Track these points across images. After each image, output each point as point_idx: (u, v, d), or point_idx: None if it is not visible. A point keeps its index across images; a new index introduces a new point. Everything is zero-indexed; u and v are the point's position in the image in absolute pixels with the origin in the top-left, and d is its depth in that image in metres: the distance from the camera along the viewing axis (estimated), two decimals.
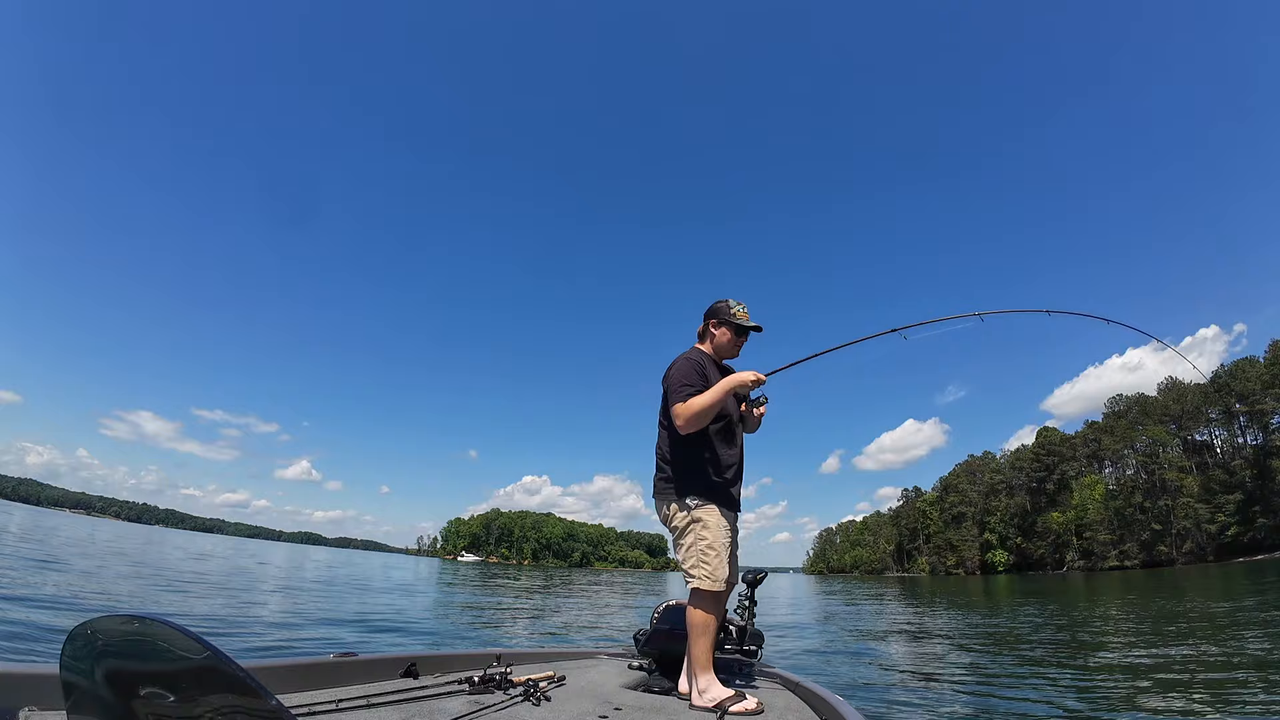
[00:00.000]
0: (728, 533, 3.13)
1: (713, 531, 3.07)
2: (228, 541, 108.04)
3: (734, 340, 3.43)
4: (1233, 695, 6.42)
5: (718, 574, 3.02)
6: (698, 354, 3.37)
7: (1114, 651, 10.03)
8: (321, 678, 2.56)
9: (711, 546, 3.05)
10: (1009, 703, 6.55)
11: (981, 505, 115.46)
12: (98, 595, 10.99)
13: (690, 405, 3.08)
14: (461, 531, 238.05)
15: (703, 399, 3.08)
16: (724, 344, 3.43)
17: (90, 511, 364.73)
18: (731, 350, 3.46)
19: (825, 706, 2.79)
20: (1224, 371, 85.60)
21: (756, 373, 3.21)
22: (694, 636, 2.97)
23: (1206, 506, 79.01)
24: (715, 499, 3.14)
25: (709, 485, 3.16)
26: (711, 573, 3.01)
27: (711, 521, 3.09)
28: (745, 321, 3.41)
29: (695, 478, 3.18)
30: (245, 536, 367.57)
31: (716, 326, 3.45)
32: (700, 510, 3.11)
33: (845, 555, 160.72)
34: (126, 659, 1.14)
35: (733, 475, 3.26)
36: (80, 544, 27.70)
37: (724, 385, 3.13)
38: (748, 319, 3.42)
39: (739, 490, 3.33)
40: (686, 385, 3.15)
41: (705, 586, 3.00)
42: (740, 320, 3.40)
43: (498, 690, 2.76)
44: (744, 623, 4.41)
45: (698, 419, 3.09)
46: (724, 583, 3.03)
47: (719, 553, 3.05)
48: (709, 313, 3.49)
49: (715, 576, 3.01)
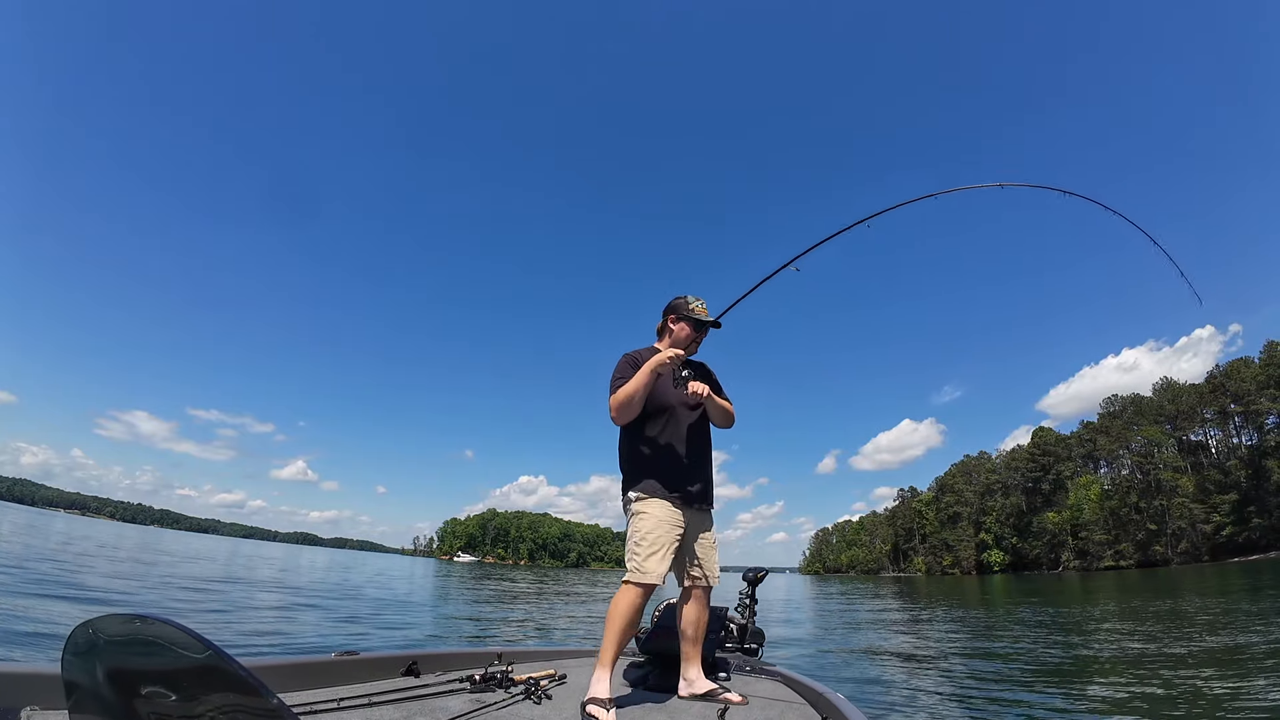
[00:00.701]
0: (673, 528, 3.00)
1: (647, 524, 2.96)
2: (223, 542, 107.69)
3: (691, 335, 3.31)
4: (1225, 694, 6.44)
5: (645, 566, 2.88)
6: (637, 352, 3.30)
7: (1107, 651, 10.05)
8: (322, 676, 2.55)
9: (644, 539, 2.93)
10: (1006, 702, 6.55)
11: (977, 505, 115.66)
12: (96, 593, 10.93)
13: (616, 395, 3.04)
14: (458, 532, 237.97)
15: (626, 387, 3.02)
16: (681, 339, 3.31)
17: (85, 512, 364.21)
18: (690, 347, 3.32)
19: (826, 704, 2.78)
20: (1219, 371, 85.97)
21: (674, 349, 3.13)
22: (606, 626, 2.84)
23: (1202, 507, 79.25)
24: (657, 492, 3.04)
25: (649, 478, 3.07)
26: (638, 565, 2.89)
27: (649, 514, 2.99)
28: (703, 317, 3.29)
29: (635, 471, 3.12)
30: (241, 537, 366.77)
31: (675, 322, 3.36)
32: (640, 504, 3.04)
33: (841, 555, 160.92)
34: (128, 658, 1.14)
35: (678, 467, 3.12)
36: (75, 543, 27.57)
37: (644, 369, 3.04)
38: (706, 314, 3.31)
39: (698, 483, 3.18)
40: (618, 379, 3.11)
41: (627, 577, 2.90)
42: (698, 315, 3.29)
43: (499, 688, 2.75)
44: (745, 620, 4.41)
45: (623, 408, 3.04)
46: (654, 576, 2.87)
47: (650, 545, 2.92)
48: (667, 309, 3.41)
49: (641, 568, 2.87)
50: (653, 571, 2.87)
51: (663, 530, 2.97)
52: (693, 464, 3.17)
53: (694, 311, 3.31)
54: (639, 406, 3.08)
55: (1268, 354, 78.45)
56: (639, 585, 2.87)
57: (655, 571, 2.88)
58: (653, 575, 2.87)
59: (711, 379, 3.44)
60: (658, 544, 2.93)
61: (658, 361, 3.03)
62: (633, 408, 3.06)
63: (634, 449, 3.17)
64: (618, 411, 3.06)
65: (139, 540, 49.18)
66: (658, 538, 2.94)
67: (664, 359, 3.03)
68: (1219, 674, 7.44)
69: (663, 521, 2.98)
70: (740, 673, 3.62)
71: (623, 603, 2.86)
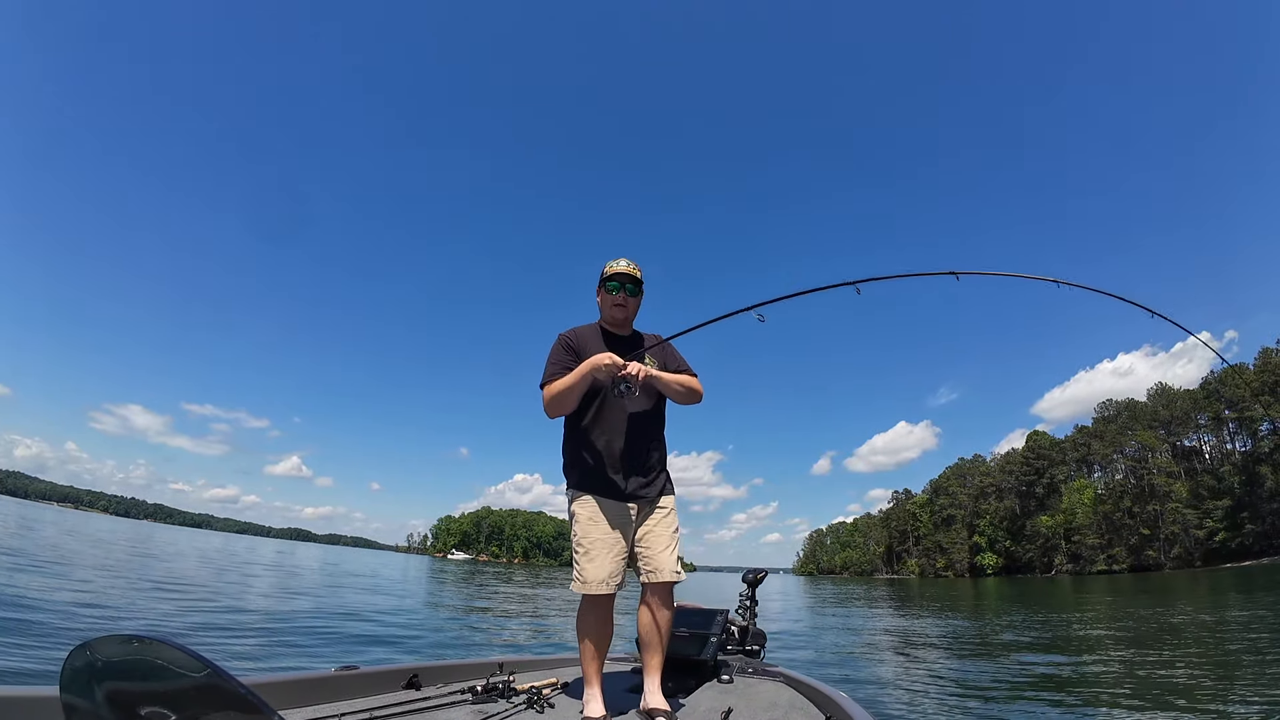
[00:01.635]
0: (611, 527, 2.71)
1: (582, 526, 2.72)
2: (216, 537, 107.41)
3: (606, 299, 2.95)
4: (1206, 696, 6.44)
5: (585, 573, 2.64)
6: (573, 331, 2.95)
7: (1099, 654, 10.05)
8: (323, 692, 2.52)
9: (580, 543, 2.70)
10: (1004, 701, 6.54)
11: (971, 508, 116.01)
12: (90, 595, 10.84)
13: (548, 390, 2.75)
14: (452, 529, 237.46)
15: (558, 383, 2.72)
16: (602, 308, 3.00)
17: (79, 505, 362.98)
18: (611, 312, 2.95)
19: (830, 704, 2.78)
20: (1213, 378, 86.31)
21: (611, 355, 2.67)
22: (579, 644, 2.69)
23: (1195, 512, 79.63)
24: (591, 488, 2.77)
25: (582, 474, 2.80)
26: (579, 573, 2.66)
27: (583, 514, 2.74)
28: (608, 271, 2.94)
29: (570, 467, 2.87)
30: (234, 532, 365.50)
31: (599, 293, 3.01)
32: (574, 503, 2.79)
33: (835, 557, 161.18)
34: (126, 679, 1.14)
35: (615, 458, 2.80)
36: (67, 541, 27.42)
37: (581, 368, 2.70)
38: (629, 269, 2.93)
39: (640, 473, 2.84)
40: (551, 364, 2.81)
41: (573, 588, 2.67)
42: (605, 273, 2.94)
43: (501, 699, 2.73)
44: (746, 622, 4.40)
45: (556, 403, 2.75)
46: (595, 584, 2.63)
47: (588, 550, 2.67)
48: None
49: (583, 577, 2.64)
50: (593, 579, 2.64)
51: (599, 531, 2.70)
52: (633, 452, 2.83)
53: (604, 273, 2.96)
54: (574, 404, 2.79)
55: (1262, 361, 78.78)
56: (588, 596, 2.67)
57: (595, 578, 2.64)
58: (594, 583, 2.63)
59: (667, 350, 3.05)
60: (594, 547, 2.68)
61: (593, 366, 2.66)
62: (566, 405, 2.78)
63: (567, 442, 2.90)
64: (549, 407, 2.78)
65: (130, 535, 48.91)
66: (594, 540, 2.69)
67: (599, 365, 2.64)
68: (1203, 677, 7.46)
69: (597, 521, 2.72)
70: (743, 674, 3.60)
71: (580, 618, 2.70)
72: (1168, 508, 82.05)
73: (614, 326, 2.99)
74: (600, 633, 2.66)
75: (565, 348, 2.84)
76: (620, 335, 2.99)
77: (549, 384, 2.75)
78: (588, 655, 2.63)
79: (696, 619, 3.86)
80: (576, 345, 2.85)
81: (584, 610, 2.69)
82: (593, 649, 2.64)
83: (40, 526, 38.73)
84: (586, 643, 2.64)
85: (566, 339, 2.89)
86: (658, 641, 2.73)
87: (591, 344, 2.86)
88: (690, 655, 3.56)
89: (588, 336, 2.90)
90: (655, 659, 2.73)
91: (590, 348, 2.82)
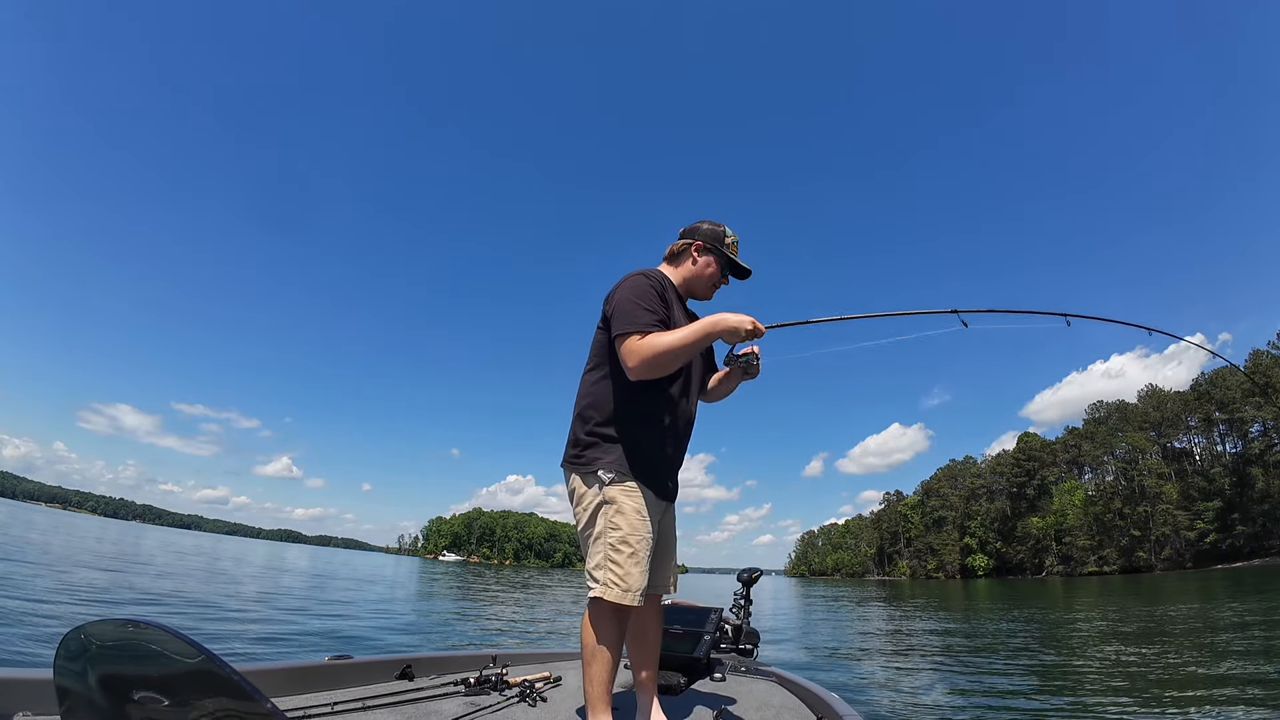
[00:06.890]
0: (653, 527, 2.21)
1: (629, 520, 2.13)
2: (205, 538, 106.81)
3: (715, 277, 2.47)
4: (1199, 701, 6.46)
5: (629, 580, 2.08)
6: (659, 274, 2.38)
7: (1088, 655, 10.09)
8: (316, 680, 2.52)
9: (625, 541, 2.11)
10: (994, 702, 6.55)
11: (962, 509, 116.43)
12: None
13: (652, 343, 2.11)
14: (443, 530, 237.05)
15: (671, 338, 2.12)
16: (702, 277, 2.46)
17: (67, 506, 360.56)
18: (706, 289, 2.49)
19: (821, 704, 2.77)
20: (1204, 380, 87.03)
21: (754, 319, 2.22)
22: (584, 663, 2.13)
23: (1186, 513, 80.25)
24: (642, 477, 2.20)
25: (637, 458, 2.21)
26: (621, 577, 2.08)
27: (629, 507, 2.15)
28: (738, 260, 2.48)
29: (620, 444, 2.22)
30: (223, 533, 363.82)
31: (701, 252, 2.46)
32: (616, 489, 2.16)
33: (827, 558, 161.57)
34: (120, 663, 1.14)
35: (672, 451, 2.34)
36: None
37: (704, 326, 2.17)
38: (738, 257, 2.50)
39: (675, 474, 2.41)
40: (647, 310, 2.17)
41: (609, 597, 2.07)
42: (733, 255, 2.47)
43: (493, 691, 2.73)
44: (740, 621, 4.38)
45: (657, 363, 2.12)
46: (636, 594, 2.09)
47: (635, 551, 2.11)
48: (690, 232, 2.50)
49: (625, 584, 2.08)
50: (636, 585, 2.10)
51: (648, 529, 2.18)
52: (683, 447, 2.42)
53: (729, 248, 2.47)
54: (672, 369, 2.20)
55: (1253, 363, 79.42)
56: (620, 606, 2.11)
57: (638, 585, 2.11)
58: (635, 590, 2.10)
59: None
60: (642, 547, 2.15)
61: (727, 327, 2.18)
62: (667, 368, 2.17)
63: (625, 413, 2.25)
64: (645, 365, 2.12)
65: (118, 535, 48.54)
66: (641, 540, 2.15)
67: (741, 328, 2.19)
68: (1194, 679, 7.49)
69: (646, 518, 2.18)
70: (735, 673, 3.58)
71: (599, 628, 2.12)
72: (1158, 509, 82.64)
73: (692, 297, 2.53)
74: (619, 650, 2.16)
75: (661, 296, 2.27)
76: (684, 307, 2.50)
77: (650, 336, 2.14)
78: (600, 675, 2.10)
79: (690, 616, 3.83)
80: (666, 296, 2.31)
81: (604, 620, 2.12)
82: (610, 669, 2.12)
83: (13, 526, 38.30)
84: (601, 660, 2.10)
85: (660, 284, 2.30)
86: (656, 658, 2.43)
87: (675, 306, 2.35)
88: (683, 653, 3.54)
89: (670, 289, 2.37)
90: (652, 673, 2.40)
91: (674, 310, 2.33)
